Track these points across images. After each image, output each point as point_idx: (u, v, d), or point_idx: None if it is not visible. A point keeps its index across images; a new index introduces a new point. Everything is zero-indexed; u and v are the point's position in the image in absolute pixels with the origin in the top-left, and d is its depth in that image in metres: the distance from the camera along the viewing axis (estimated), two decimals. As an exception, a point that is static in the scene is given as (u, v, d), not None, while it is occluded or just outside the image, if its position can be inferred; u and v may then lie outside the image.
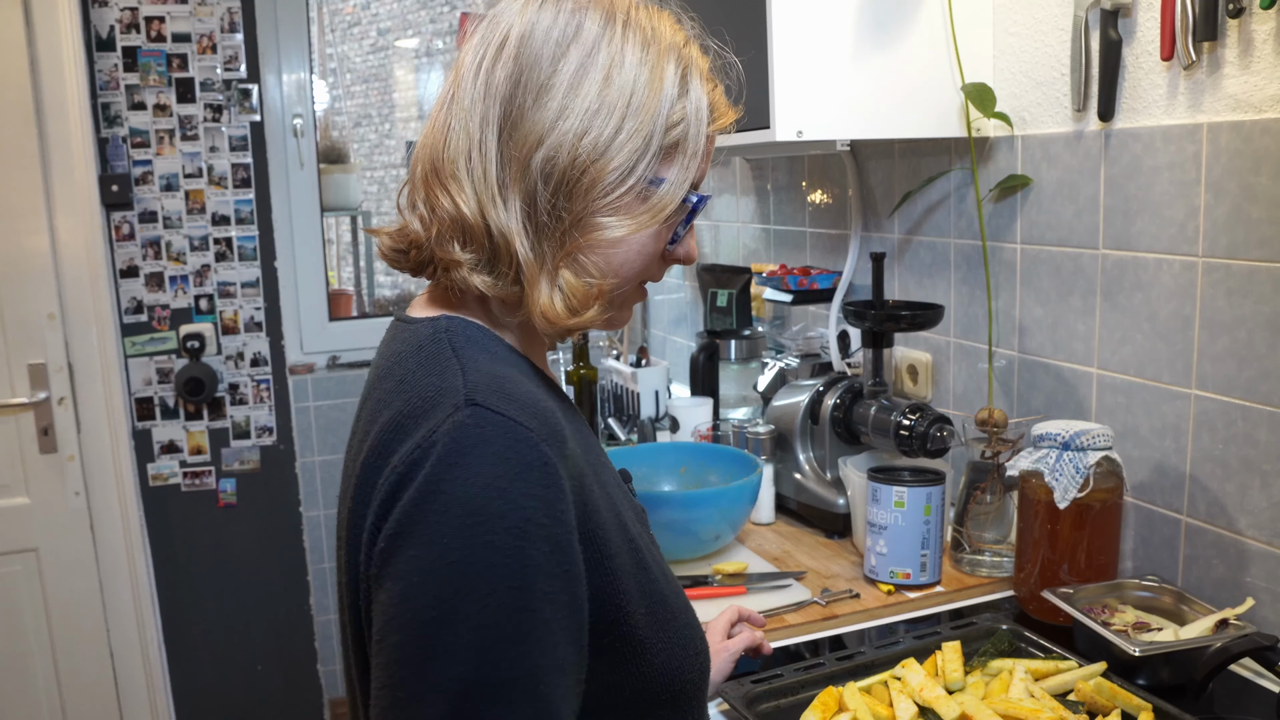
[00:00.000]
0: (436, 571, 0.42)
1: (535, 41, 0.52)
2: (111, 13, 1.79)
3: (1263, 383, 0.81)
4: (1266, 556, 0.82)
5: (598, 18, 0.52)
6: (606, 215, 0.52)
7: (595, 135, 0.51)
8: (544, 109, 0.51)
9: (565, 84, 0.51)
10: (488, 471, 0.43)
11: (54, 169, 1.70)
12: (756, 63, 1.03)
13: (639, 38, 0.53)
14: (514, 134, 0.51)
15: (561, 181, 0.51)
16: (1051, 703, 0.71)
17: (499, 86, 0.52)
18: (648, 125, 0.52)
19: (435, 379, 0.49)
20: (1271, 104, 0.79)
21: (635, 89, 0.52)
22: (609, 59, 0.51)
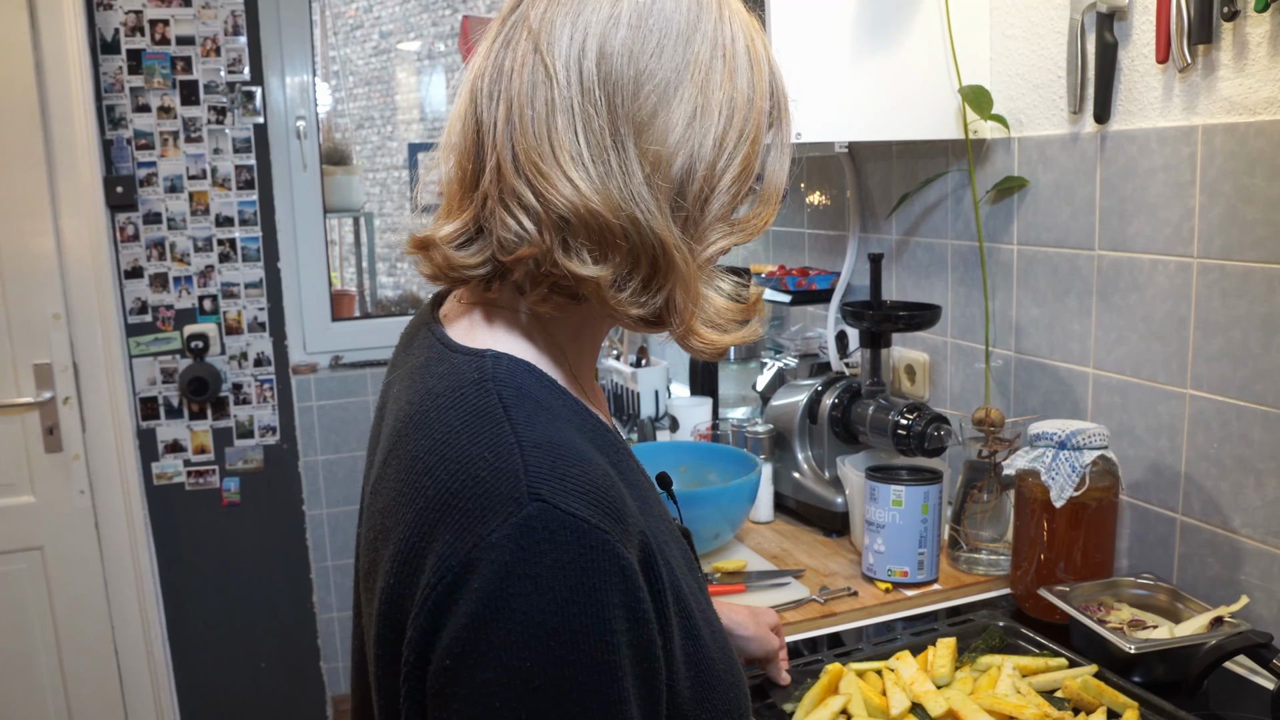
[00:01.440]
0: (522, 700, 0.37)
1: (659, 23, 0.43)
2: (116, 16, 1.80)
3: (1257, 382, 0.82)
4: (1260, 555, 0.83)
5: (711, 19, 0.45)
6: (723, 218, 0.46)
7: (722, 135, 0.44)
8: (681, 105, 0.43)
9: (699, 77, 0.43)
10: (564, 584, 0.37)
11: (59, 170, 1.71)
12: (755, 65, 1.03)
13: (739, 21, 0.46)
14: (649, 132, 0.43)
15: (701, 189, 0.44)
16: (1037, 699, 0.72)
17: (622, 75, 0.42)
18: (759, 118, 0.46)
19: (487, 453, 0.40)
20: (1266, 106, 0.79)
21: (747, 80, 0.45)
22: (726, 44, 0.45)
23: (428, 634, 0.39)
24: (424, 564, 0.40)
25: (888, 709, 0.71)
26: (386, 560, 0.42)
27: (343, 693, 2.18)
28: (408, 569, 0.40)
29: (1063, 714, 0.70)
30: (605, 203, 0.42)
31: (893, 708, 0.71)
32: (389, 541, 0.42)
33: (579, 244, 0.43)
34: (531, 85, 0.43)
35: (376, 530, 0.44)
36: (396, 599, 0.41)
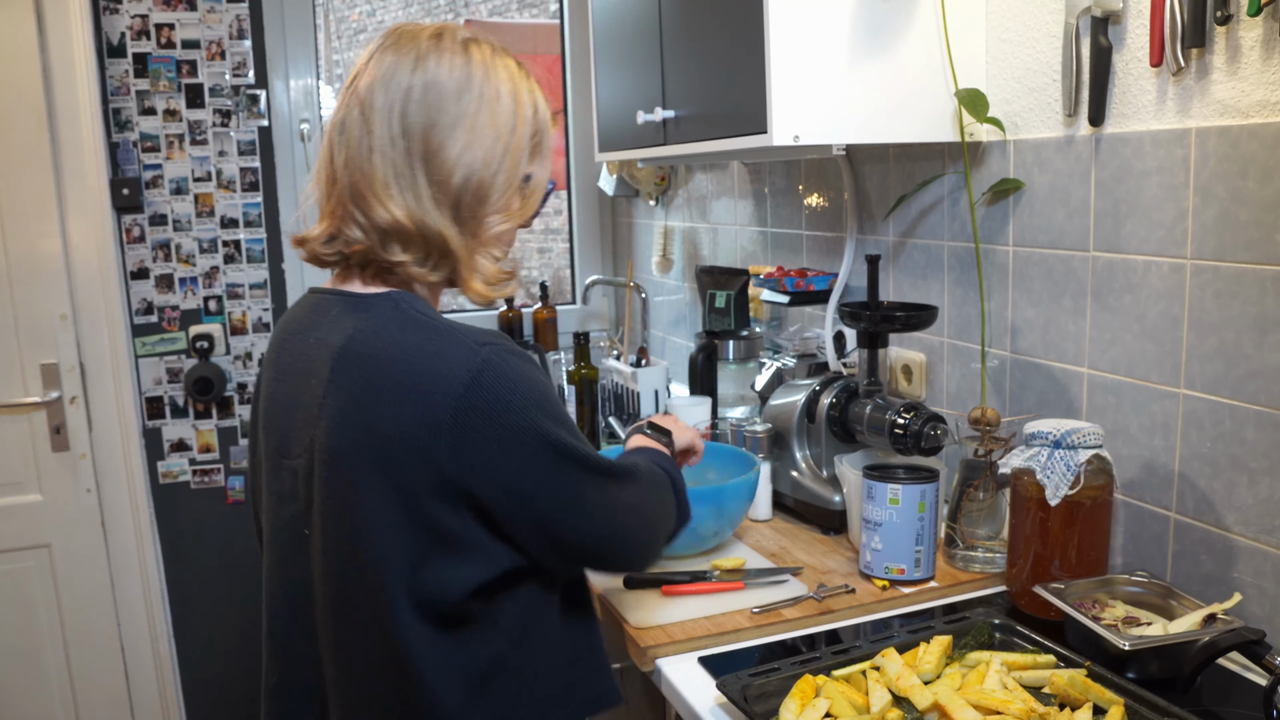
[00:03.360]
0: (534, 415, 0.65)
1: (439, 89, 0.69)
2: (122, 20, 1.82)
3: (1250, 382, 0.83)
4: (1253, 552, 0.84)
5: (479, 67, 0.70)
6: (500, 210, 0.71)
7: (489, 156, 0.69)
8: (455, 141, 0.68)
9: (468, 121, 0.68)
10: (526, 371, 0.66)
11: (66, 173, 1.73)
12: (754, 69, 1.04)
13: (504, 75, 0.71)
14: (435, 161, 0.68)
15: (475, 194, 0.69)
16: (1023, 695, 0.72)
17: (415, 125, 0.68)
18: (520, 140, 0.71)
19: (433, 337, 0.66)
20: (1258, 109, 0.80)
21: (509, 116, 0.70)
22: (491, 96, 0.69)
23: (455, 426, 0.63)
24: (427, 404, 0.63)
25: (870, 708, 0.71)
26: (381, 430, 0.64)
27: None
28: (410, 418, 0.63)
29: (1048, 710, 0.70)
30: (406, 216, 0.68)
31: (872, 704, 0.71)
32: (376, 423, 0.64)
33: (391, 243, 0.69)
34: (359, 137, 0.69)
35: (341, 438, 0.65)
36: (400, 451, 0.63)
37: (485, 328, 0.68)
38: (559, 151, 2.46)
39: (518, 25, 3.25)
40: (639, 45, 1.36)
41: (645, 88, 1.35)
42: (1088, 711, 0.71)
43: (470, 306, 3.01)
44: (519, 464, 0.64)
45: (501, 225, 0.72)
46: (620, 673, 0.89)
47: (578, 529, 0.69)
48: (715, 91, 1.16)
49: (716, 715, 0.78)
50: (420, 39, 0.70)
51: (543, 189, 0.75)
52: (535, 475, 0.65)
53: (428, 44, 0.69)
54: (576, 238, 2.34)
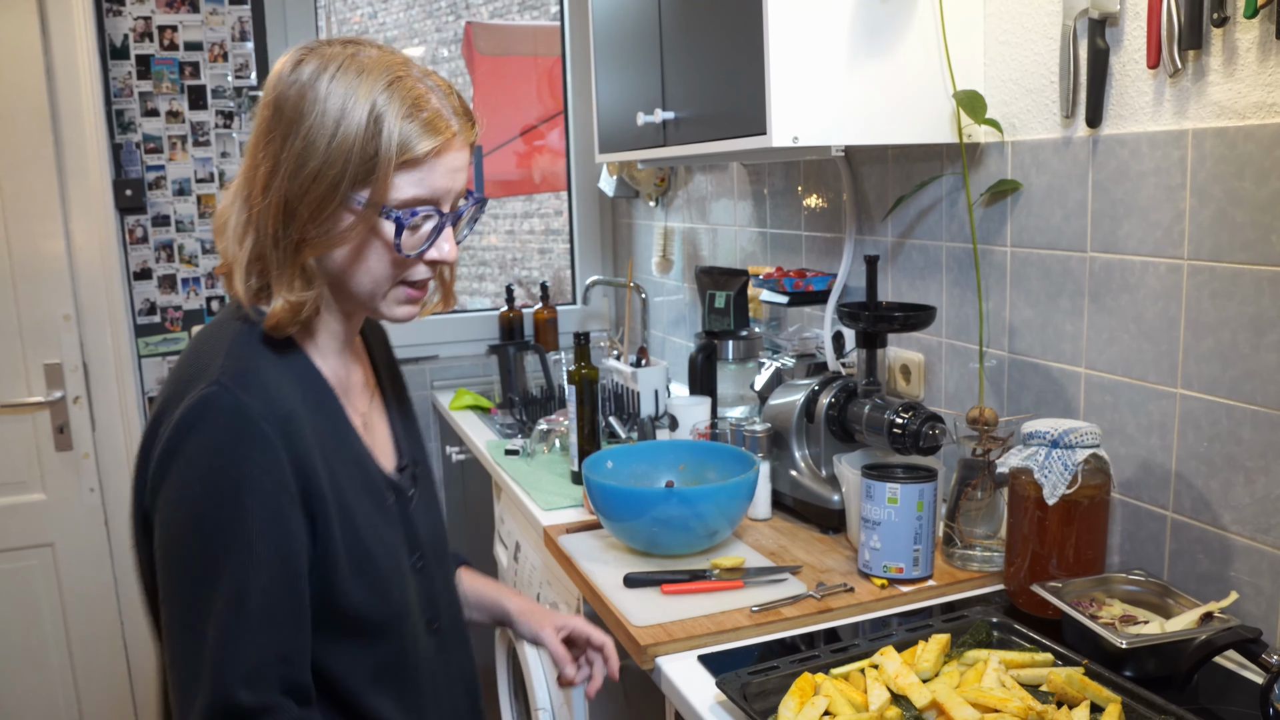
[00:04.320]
0: (180, 508, 0.61)
1: (264, 104, 0.66)
2: (125, 22, 1.83)
3: (1246, 382, 0.83)
4: (1250, 551, 0.84)
5: (309, 70, 0.65)
6: (321, 233, 0.66)
7: (300, 172, 0.64)
8: (270, 159, 0.65)
9: (280, 133, 0.65)
10: (220, 435, 0.62)
11: (69, 174, 1.74)
12: (753, 70, 1.05)
13: (342, 87, 0.65)
14: (252, 183, 0.66)
15: (278, 214, 0.65)
16: (1021, 693, 0.73)
17: (248, 148, 0.68)
18: (341, 157, 0.64)
19: (200, 365, 0.65)
20: (1255, 110, 0.80)
21: (332, 130, 0.64)
22: (315, 110, 0.64)
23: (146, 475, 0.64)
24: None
25: (869, 706, 0.72)
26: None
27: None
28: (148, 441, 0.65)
29: (1046, 707, 0.71)
30: (228, 249, 0.69)
31: (871, 702, 0.72)
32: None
33: (250, 281, 0.68)
34: (232, 204, 0.70)
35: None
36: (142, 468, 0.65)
37: (235, 359, 0.65)
38: (559, 153, 2.47)
39: (518, 27, 3.26)
40: (639, 47, 1.36)
41: (645, 89, 1.35)
42: (1085, 709, 0.71)
43: (474, 307, 3.01)
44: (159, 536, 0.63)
45: (330, 246, 0.66)
46: (622, 671, 0.90)
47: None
48: (715, 93, 1.16)
49: (716, 713, 0.78)
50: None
51: (375, 218, 0.66)
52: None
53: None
54: (577, 238, 2.35)
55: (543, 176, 2.96)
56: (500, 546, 1.59)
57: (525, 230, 3.57)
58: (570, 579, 1.13)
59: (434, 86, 0.68)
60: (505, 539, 1.55)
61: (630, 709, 1.05)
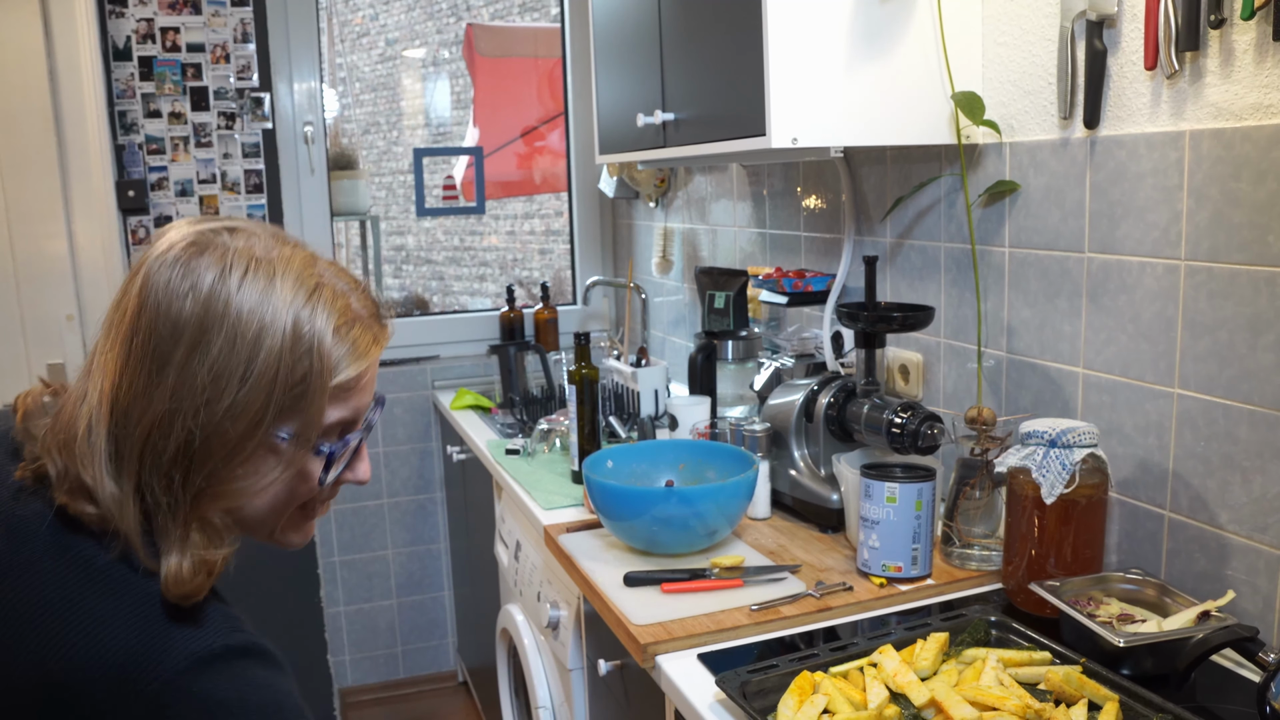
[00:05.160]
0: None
1: (148, 310, 0.51)
2: (128, 23, 1.84)
3: (1243, 382, 0.83)
4: (1247, 550, 0.84)
5: (210, 277, 0.52)
6: (236, 479, 0.53)
7: (211, 408, 0.51)
8: (157, 387, 0.51)
9: (177, 363, 0.51)
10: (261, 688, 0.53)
11: (72, 175, 1.75)
12: (753, 72, 1.06)
13: (255, 296, 0.52)
14: (127, 415, 0.51)
15: (178, 457, 0.51)
16: (1019, 691, 0.73)
17: (115, 362, 0.52)
18: (264, 388, 0.51)
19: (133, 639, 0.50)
20: (1252, 112, 0.81)
21: (250, 354, 0.51)
22: (223, 328, 0.51)
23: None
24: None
25: (868, 704, 0.72)
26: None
27: (349, 685, 2.21)
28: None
29: (1044, 706, 0.71)
30: (93, 481, 0.52)
31: (870, 700, 0.72)
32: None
33: (78, 491, 0.53)
34: (85, 417, 0.54)
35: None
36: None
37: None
38: (559, 154, 2.48)
39: (519, 29, 3.27)
40: (639, 48, 1.37)
41: (645, 90, 1.36)
42: (1083, 708, 0.71)
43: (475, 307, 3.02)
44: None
45: (247, 493, 0.54)
46: (620, 669, 0.90)
47: None
48: (714, 94, 1.17)
49: (716, 712, 0.78)
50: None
51: (306, 451, 0.55)
52: None
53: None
54: (577, 239, 2.35)
55: (543, 177, 2.97)
56: (501, 546, 1.59)
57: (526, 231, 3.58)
58: (570, 578, 1.14)
59: (349, 287, 0.56)
60: (506, 538, 1.56)
61: (630, 707, 1.05)
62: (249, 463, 0.53)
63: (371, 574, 2.19)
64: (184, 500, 0.52)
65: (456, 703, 2.22)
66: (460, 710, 2.19)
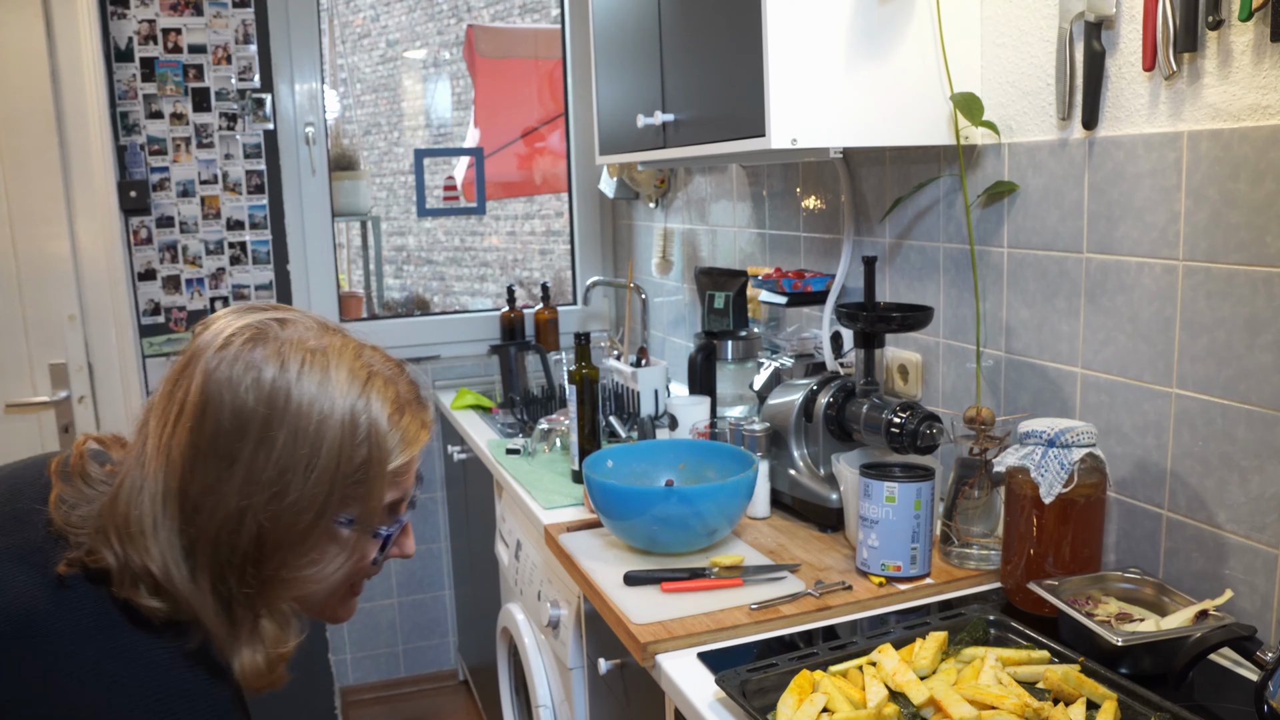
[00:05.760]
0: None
1: (211, 408, 0.51)
2: (130, 24, 1.84)
3: (1241, 382, 0.84)
4: (1244, 549, 0.84)
5: (271, 371, 0.52)
6: (303, 567, 0.54)
7: (279, 501, 0.51)
8: (226, 482, 0.51)
9: (245, 458, 0.51)
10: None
11: (74, 175, 1.75)
12: (752, 73, 1.06)
13: (314, 388, 0.53)
14: (198, 510, 0.51)
15: (250, 550, 0.52)
16: (1018, 690, 0.73)
17: (177, 455, 0.52)
18: (328, 478, 0.52)
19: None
20: (1249, 113, 0.81)
21: (314, 446, 0.52)
22: (285, 422, 0.52)
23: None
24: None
25: (867, 703, 0.72)
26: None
27: (350, 684, 2.21)
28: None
29: (1043, 704, 0.71)
30: (161, 573, 0.52)
31: (869, 699, 0.72)
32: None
33: (138, 583, 0.53)
34: (139, 456, 0.55)
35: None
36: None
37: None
38: (559, 155, 2.48)
39: (519, 30, 3.27)
40: (639, 49, 1.37)
41: (645, 91, 1.36)
42: (1081, 706, 0.72)
43: (476, 307, 3.03)
44: None
45: (311, 580, 0.56)
46: (620, 668, 0.90)
47: None
48: (714, 95, 1.17)
49: (715, 710, 0.79)
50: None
51: (367, 536, 0.56)
52: None
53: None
54: (577, 239, 2.36)
55: (543, 178, 2.98)
56: (501, 545, 1.59)
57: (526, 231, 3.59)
58: (571, 577, 1.14)
59: (395, 373, 0.58)
60: (506, 537, 1.56)
61: (630, 706, 1.06)
62: (314, 551, 0.54)
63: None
64: (257, 591, 0.53)
65: (457, 701, 2.23)
66: (461, 709, 2.20)
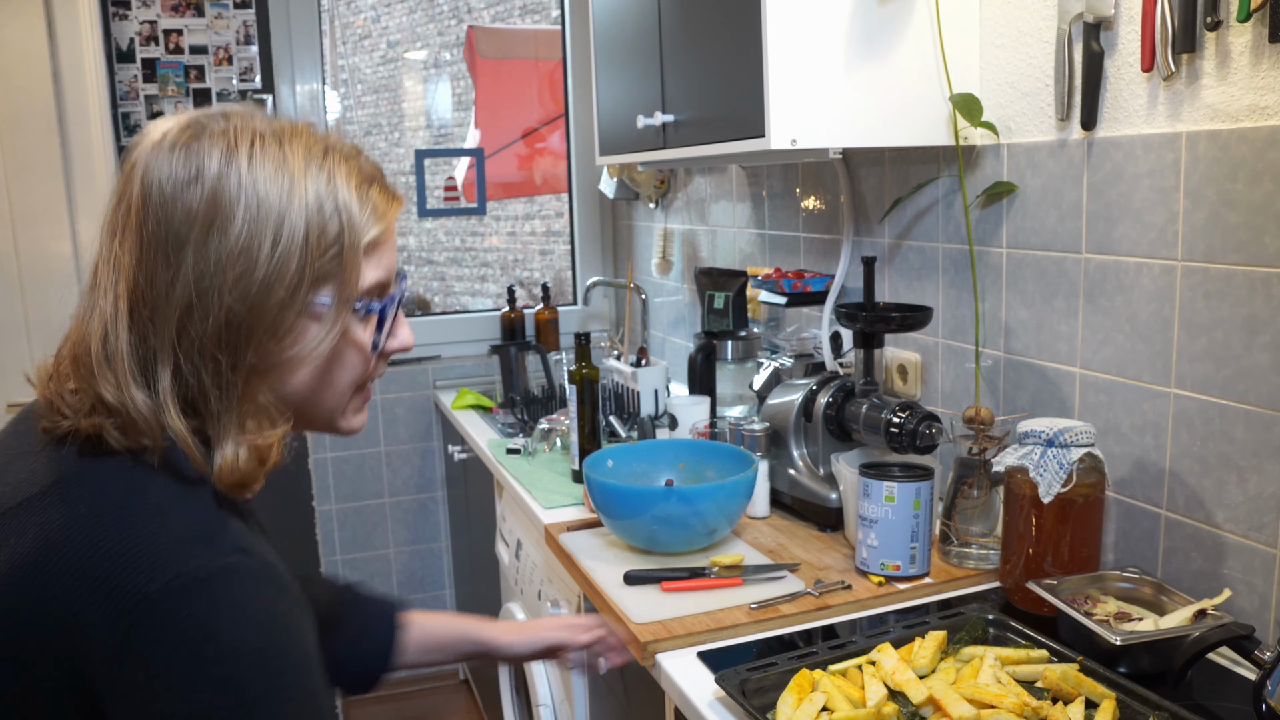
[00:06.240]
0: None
1: (155, 198, 0.50)
2: (131, 25, 1.85)
3: (1239, 382, 0.84)
4: (1243, 549, 0.85)
5: (217, 156, 0.50)
6: (283, 351, 0.52)
7: (245, 282, 0.50)
8: (179, 274, 0.49)
9: (195, 240, 0.49)
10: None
11: (76, 176, 1.75)
12: (752, 74, 1.06)
13: (269, 167, 0.51)
14: (155, 308, 0.50)
15: (223, 336, 0.50)
16: (1016, 689, 0.73)
17: (125, 259, 0.50)
18: (297, 252, 0.50)
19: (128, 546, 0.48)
20: (1247, 113, 0.81)
21: (277, 221, 0.50)
22: (241, 199, 0.50)
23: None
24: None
25: (866, 702, 0.73)
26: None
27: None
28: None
29: (1041, 703, 0.72)
30: (115, 398, 0.51)
31: (869, 698, 0.72)
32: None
33: (95, 410, 0.52)
34: (89, 289, 0.54)
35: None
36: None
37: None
38: (559, 155, 2.48)
39: (520, 31, 3.28)
40: (639, 50, 1.38)
41: (645, 92, 1.36)
42: (1080, 705, 0.72)
43: (476, 307, 3.03)
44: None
45: (297, 366, 0.53)
46: (620, 667, 0.91)
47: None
48: (714, 96, 1.17)
49: (715, 709, 0.79)
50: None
51: (348, 314, 0.54)
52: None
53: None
54: (578, 240, 2.36)
55: (544, 179, 2.98)
56: (502, 544, 1.60)
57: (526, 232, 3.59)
58: (571, 576, 1.14)
59: (351, 152, 0.56)
60: (507, 537, 1.56)
61: (630, 705, 1.06)
62: (292, 333, 0.52)
63: (373, 573, 2.20)
64: (235, 383, 0.51)
65: (458, 700, 2.23)
66: (461, 708, 2.20)
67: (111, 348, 0.50)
